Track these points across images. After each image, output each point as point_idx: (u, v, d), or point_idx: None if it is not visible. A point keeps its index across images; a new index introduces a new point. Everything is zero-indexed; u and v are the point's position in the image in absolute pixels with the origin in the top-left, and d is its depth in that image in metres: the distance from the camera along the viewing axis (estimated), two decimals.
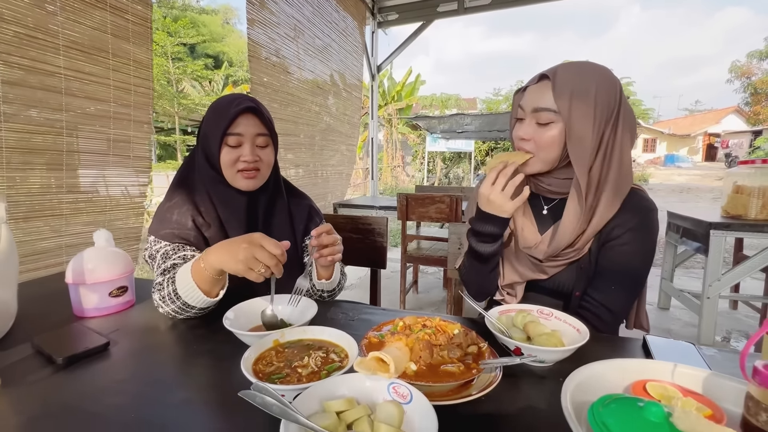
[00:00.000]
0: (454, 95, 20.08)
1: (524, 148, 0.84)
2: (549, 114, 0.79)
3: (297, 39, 3.15)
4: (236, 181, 0.95)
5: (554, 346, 0.62)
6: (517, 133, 0.85)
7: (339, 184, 4.23)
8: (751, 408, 0.44)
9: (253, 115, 0.94)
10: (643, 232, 0.81)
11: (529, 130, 0.82)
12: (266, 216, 1.03)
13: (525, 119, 0.83)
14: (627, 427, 0.40)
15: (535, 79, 0.82)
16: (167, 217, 0.94)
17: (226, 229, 0.97)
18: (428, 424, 0.43)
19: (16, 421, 0.52)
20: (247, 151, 0.92)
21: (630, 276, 0.83)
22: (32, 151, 1.54)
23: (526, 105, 0.83)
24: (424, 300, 3.23)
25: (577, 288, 0.87)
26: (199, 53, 21.03)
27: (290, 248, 1.04)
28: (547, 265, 0.87)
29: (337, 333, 0.65)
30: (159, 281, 0.84)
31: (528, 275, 0.90)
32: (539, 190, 0.92)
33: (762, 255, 2.05)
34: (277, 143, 1.02)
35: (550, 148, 0.80)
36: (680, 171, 19.93)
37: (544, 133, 0.80)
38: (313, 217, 1.12)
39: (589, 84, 0.77)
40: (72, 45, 1.61)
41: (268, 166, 0.99)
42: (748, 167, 2.19)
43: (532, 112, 0.81)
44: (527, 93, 0.83)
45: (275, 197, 1.06)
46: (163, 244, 0.92)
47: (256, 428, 0.50)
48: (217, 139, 0.91)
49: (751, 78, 22.89)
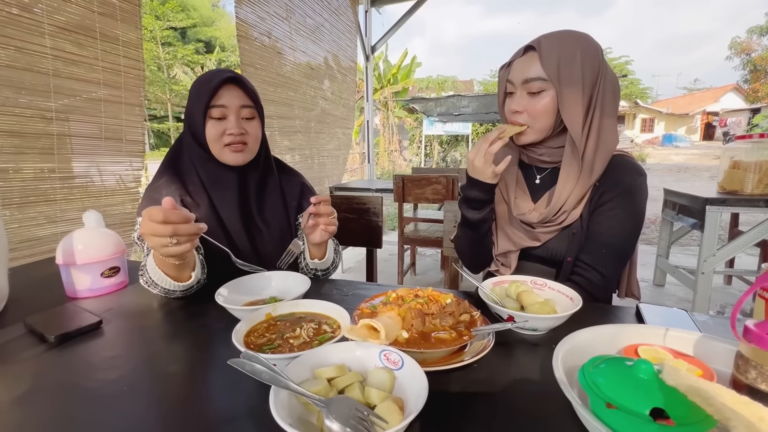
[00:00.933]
0: (450, 77, 19.81)
1: (518, 121, 0.85)
2: (539, 83, 0.80)
3: (288, 18, 3.07)
4: (224, 155, 0.92)
5: (547, 314, 0.62)
6: (510, 107, 0.86)
7: (335, 169, 4.20)
8: (741, 366, 0.44)
9: (236, 86, 0.92)
10: (632, 195, 0.82)
11: (522, 102, 0.83)
12: (258, 193, 1.01)
13: (515, 92, 0.85)
14: (617, 386, 0.41)
15: (521, 52, 0.83)
16: (155, 197, 0.92)
17: (216, 208, 0.95)
18: (419, 389, 0.43)
19: (8, 396, 0.52)
20: (233, 122, 0.90)
21: (620, 239, 0.83)
22: (21, 135, 1.51)
23: (515, 78, 0.84)
24: (422, 281, 3.25)
25: (569, 254, 0.87)
26: (190, 38, 20.53)
27: (283, 225, 1.04)
28: (540, 232, 0.88)
29: (329, 306, 0.65)
30: (143, 264, 0.83)
31: (521, 243, 0.91)
32: (531, 161, 0.94)
33: (757, 230, 2.06)
34: (263, 117, 1.00)
35: (543, 117, 0.82)
36: (678, 151, 19.88)
37: (537, 103, 0.81)
38: (305, 194, 1.10)
39: (574, 49, 0.79)
40: (58, 25, 1.56)
41: (256, 140, 0.96)
42: (745, 142, 2.18)
43: (522, 84, 0.82)
44: (514, 66, 0.84)
45: (266, 174, 1.04)
46: None
47: (248, 397, 0.50)
48: (201, 113, 0.89)
49: (751, 54, 22.60)
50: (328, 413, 0.40)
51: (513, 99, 0.85)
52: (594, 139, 0.81)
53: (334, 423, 0.39)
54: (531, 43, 0.82)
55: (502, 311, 0.64)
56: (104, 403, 0.50)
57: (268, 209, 1.02)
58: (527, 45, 0.82)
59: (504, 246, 0.93)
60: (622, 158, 0.86)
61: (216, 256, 0.89)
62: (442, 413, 0.46)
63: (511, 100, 0.86)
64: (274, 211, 1.03)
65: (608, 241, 0.83)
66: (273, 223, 1.02)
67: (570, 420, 0.45)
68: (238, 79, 0.92)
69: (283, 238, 1.02)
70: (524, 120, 0.84)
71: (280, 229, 1.03)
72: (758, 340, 0.42)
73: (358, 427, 0.39)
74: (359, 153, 11.28)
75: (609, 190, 0.83)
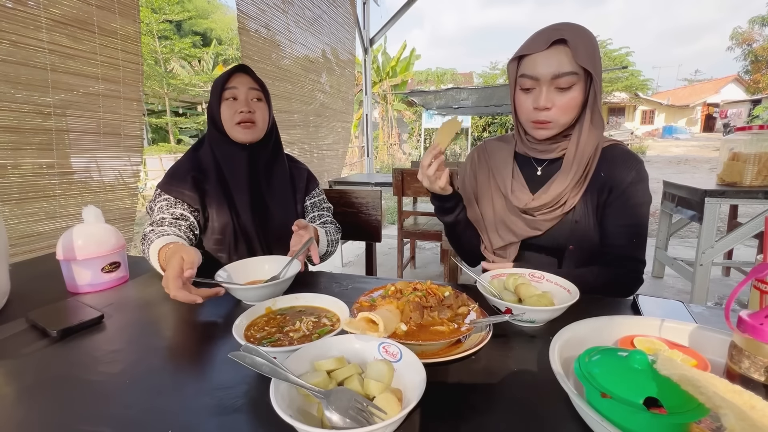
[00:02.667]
0: (450, 70, 19.66)
1: (541, 119, 0.83)
2: (570, 77, 0.78)
3: (286, 10, 3.04)
4: (234, 132, 1.04)
5: (544, 307, 0.63)
6: (538, 102, 0.81)
7: (334, 162, 4.19)
8: (735, 356, 0.45)
9: (245, 74, 1.06)
10: (641, 184, 0.86)
11: (551, 98, 0.81)
12: (266, 171, 1.10)
13: (539, 88, 0.81)
14: (612, 376, 0.41)
15: (543, 45, 0.78)
16: (176, 175, 1.03)
17: (228, 180, 1.05)
18: (417, 381, 0.44)
19: (10, 390, 0.52)
20: (242, 101, 1.03)
21: (642, 226, 0.87)
22: (19, 131, 1.50)
23: (541, 73, 0.79)
24: (422, 275, 3.26)
25: (571, 241, 0.88)
26: (186, 31, 20.31)
27: (288, 202, 1.13)
28: (542, 220, 0.89)
29: (329, 299, 0.66)
30: (146, 231, 0.93)
31: (522, 233, 0.92)
32: (533, 153, 0.93)
33: (755, 221, 2.06)
34: (270, 103, 1.11)
35: (570, 112, 0.82)
36: (678, 142, 19.81)
37: (564, 98, 0.80)
38: (312, 180, 1.22)
39: (593, 40, 0.80)
40: (54, 18, 1.55)
41: (263, 120, 1.07)
42: (744, 134, 2.17)
43: (552, 79, 0.79)
44: (539, 60, 0.79)
45: (276, 156, 1.13)
46: (164, 197, 1.01)
47: (249, 390, 0.50)
48: (217, 97, 1.03)
49: (752, 45, 22.41)
50: (328, 404, 0.41)
51: (538, 95, 0.81)
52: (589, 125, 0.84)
53: (334, 414, 0.40)
54: (558, 36, 0.77)
55: (500, 304, 0.64)
56: (106, 396, 0.51)
57: (276, 184, 1.11)
58: (552, 38, 0.77)
59: (506, 238, 0.93)
60: (620, 149, 0.88)
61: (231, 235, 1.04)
62: (440, 404, 0.47)
63: (530, 95, 0.83)
64: (282, 188, 1.12)
65: (635, 230, 0.86)
66: (279, 199, 1.11)
67: (566, 410, 0.45)
68: (247, 69, 1.07)
69: (287, 215, 1.10)
70: (551, 116, 0.82)
71: (285, 204, 1.12)
72: (752, 330, 0.42)
73: (357, 418, 0.40)
74: (358, 147, 11.25)
75: (617, 183, 0.85)
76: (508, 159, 0.96)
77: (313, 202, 1.20)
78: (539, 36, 0.80)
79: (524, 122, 0.88)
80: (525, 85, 0.83)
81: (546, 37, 0.78)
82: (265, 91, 1.08)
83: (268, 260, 0.88)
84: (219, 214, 1.03)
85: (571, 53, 0.76)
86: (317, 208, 1.20)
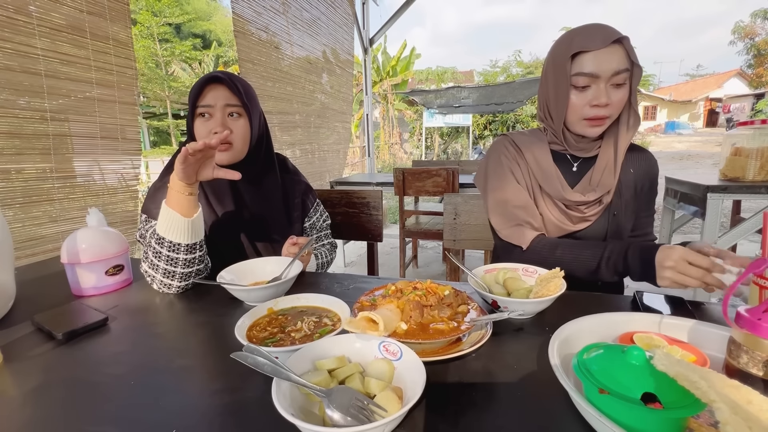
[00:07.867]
0: (450, 68, 19.59)
1: (600, 114, 0.84)
2: (626, 74, 0.82)
3: (285, 12, 3.05)
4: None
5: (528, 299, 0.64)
6: (599, 99, 0.83)
7: (336, 163, 4.20)
8: (733, 351, 0.45)
9: (222, 85, 0.91)
10: (657, 176, 0.98)
11: (609, 94, 0.83)
12: (253, 189, 1.02)
13: (596, 85, 0.83)
14: (610, 372, 0.42)
15: (601, 44, 0.80)
16: (157, 196, 0.95)
17: (211, 203, 0.98)
18: (418, 379, 0.44)
19: (18, 393, 0.53)
20: (217, 121, 0.90)
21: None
22: (19, 136, 1.52)
23: (602, 70, 0.81)
24: (424, 274, 3.27)
25: (610, 234, 0.95)
26: (186, 33, 20.38)
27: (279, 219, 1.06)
28: (590, 214, 0.93)
29: (330, 299, 0.66)
30: (144, 250, 0.88)
31: (569, 228, 0.95)
32: (573, 150, 0.95)
33: (758, 216, 2.05)
34: (254, 116, 0.97)
35: (620, 108, 0.86)
36: (681, 138, 19.69)
37: (619, 94, 0.84)
38: (308, 193, 1.15)
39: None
40: (48, 25, 1.56)
41: (243, 140, 0.95)
42: (747, 128, 2.15)
43: (612, 76, 0.82)
44: (598, 58, 0.81)
45: (265, 171, 1.05)
46: (153, 222, 0.93)
47: (252, 389, 0.51)
48: (190, 113, 0.92)
49: (755, 39, 22.25)
50: (329, 403, 0.41)
51: (597, 92, 0.83)
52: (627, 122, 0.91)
53: (335, 412, 0.40)
54: (615, 35, 0.80)
55: (487, 296, 0.66)
56: (112, 397, 0.51)
57: (262, 204, 1.03)
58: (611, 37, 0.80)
59: (555, 232, 0.96)
60: (632, 144, 0.96)
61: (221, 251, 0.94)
62: (440, 402, 0.48)
63: (584, 93, 0.84)
64: (271, 206, 1.04)
65: (653, 217, 1.03)
66: (266, 217, 1.03)
67: (565, 406, 0.46)
68: (225, 79, 0.91)
69: (278, 232, 1.04)
70: (607, 112, 0.84)
71: (273, 223, 1.05)
72: (750, 325, 0.42)
73: (359, 416, 0.40)
74: (359, 147, 11.25)
75: (641, 177, 0.96)
76: (547, 155, 0.95)
77: (311, 223, 1.16)
78: (594, 33, 0.81)
79: (575, 121, 0.88)
80: (580, 83, 0.84)
81: (603, 35, 0.80)
82: (246, 105, 0.93)
83: (270, 261, 0.89)
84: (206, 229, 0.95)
85: (625, 50, 0.81)
86: (315, 229, 1.16)
